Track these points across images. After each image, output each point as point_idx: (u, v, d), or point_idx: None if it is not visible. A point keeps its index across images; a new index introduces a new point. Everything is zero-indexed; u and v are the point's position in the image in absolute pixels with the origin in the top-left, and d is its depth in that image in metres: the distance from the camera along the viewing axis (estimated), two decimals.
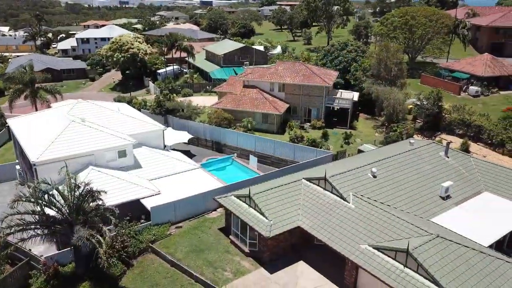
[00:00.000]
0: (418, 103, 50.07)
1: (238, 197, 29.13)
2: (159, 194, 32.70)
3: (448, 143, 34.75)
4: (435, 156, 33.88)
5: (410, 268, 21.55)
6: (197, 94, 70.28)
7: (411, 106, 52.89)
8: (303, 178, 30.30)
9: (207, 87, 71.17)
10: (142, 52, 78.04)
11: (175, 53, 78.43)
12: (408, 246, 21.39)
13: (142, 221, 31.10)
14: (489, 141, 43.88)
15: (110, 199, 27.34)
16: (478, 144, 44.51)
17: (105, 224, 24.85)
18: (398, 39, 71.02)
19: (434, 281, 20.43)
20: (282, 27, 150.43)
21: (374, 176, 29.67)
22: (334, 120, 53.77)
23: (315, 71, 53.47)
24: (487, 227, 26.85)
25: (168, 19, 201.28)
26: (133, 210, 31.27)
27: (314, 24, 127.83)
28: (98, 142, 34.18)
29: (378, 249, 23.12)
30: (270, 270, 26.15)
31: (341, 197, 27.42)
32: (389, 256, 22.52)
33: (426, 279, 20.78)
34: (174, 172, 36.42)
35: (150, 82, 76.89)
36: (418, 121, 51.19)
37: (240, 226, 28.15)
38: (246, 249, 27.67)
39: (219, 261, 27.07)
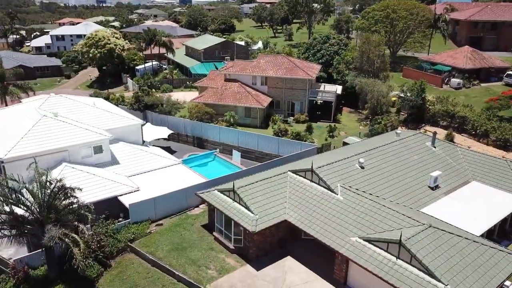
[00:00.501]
0: (402, 95, 49.64)
1: (221, 191, 27.80)
2: (138, 190, 31.16)
3: (435, 133, 34.21)
4: (422, 146, 33.27)
5: (403, 260, 20.64)
6: (177, 89, 68.50)
7: (394, 98, 52.47)
8: (289, 170, 29.20)
9: (187, 82, 69.45)
10: (119, 48, 75.61)
11: (153, 48, 76.33)
12: (400, 237, 20.48)
13: (121, 219, 29.50)
14: (473, 132, 43.69)
15: (86, 197, 25.68)
16: (462, 135, 44.28)
17: (80, 223, 23.27)
18: (379, 32, 70.61)
19: (429, 272, 19.57)
20: (263, 24, 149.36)
21: (362, 167, 28.78)
22: (318, 113, 52.93)
23: (297, 64, 52.50)
24: (477, 216, 26.30)
25: (147, 17, 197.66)
26: (111, 208, 29.70)
27: (294, 21, 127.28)
28: (72, 137, 32.39)
29: (369, 241, 22.16)
30: (256, 266, 24.93)
31: (329, 188, 26.40)
32: (380, 248, 21.58)
33: (420, 270, 19.90)
34: (153, 168, 34.92)
35: (129, 79, 74.63)
36: (402, 113, 50.77)
37: (224, 222, 26.83)
38: (231, 246, 26.37)
39: (202, 259, 25.69)
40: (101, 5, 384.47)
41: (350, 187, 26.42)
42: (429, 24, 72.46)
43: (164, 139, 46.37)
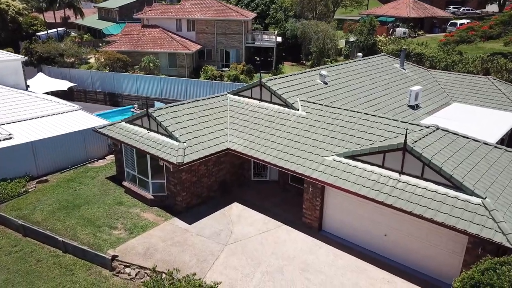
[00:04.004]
0: (351, 39, 43.78)
1: (131, 121, 19.12)
2: (10, 138, 21.35)
3: (404, 51, 28.15)
4: (390, 67, 27.02)
5: (410, 175, 13.56)
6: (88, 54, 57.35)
7: (341, 46, 46.57)
8: (228, 92, 21.26)
9: (100, 44, 58.36)
10: (13, 10, 62.26)
11: (58, 8, 63.94)
12: (405, 139, 13.36)
13: None
14: (432, 70, 38.70)
15: None
16: None
17: None
18: None
19: (453, 184, 12.63)
20: None
21: (325, 83, 21.60)
22: (257, 62, 45.37)
23: (229, 6, 44.54)
24: (477, 131, 20.18)
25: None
26: None
27: None
28: None
29: (353, 157, 14.84)
30: (188, 219, 16.65)
31: (286, 104, 18.82)
32: (373, 164, 14.35)
33: (440, 184, 12.90)
34: (41, 115, 25.09)
35: None
36: (351, 59, 44.81)
37: (137, 163, 18.19)
38: (149, 195, 17.80)
39: (104, 217, 16.87)
40: None
41: (314, 102, 19.04)
42: None
43: (65, 96, 36.14)
